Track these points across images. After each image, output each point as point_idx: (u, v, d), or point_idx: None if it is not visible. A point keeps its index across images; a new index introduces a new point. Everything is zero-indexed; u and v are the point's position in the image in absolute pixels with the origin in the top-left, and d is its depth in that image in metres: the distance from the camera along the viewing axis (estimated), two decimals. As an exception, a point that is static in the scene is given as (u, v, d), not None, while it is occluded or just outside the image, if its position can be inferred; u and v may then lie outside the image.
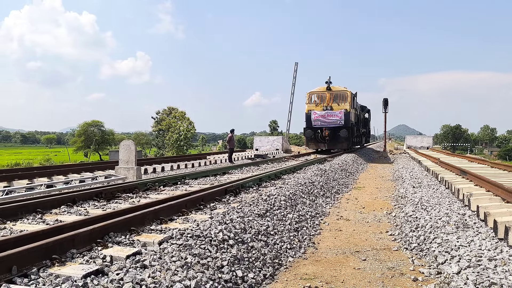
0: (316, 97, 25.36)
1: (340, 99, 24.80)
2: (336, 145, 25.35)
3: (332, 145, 25.28)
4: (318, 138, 25.08)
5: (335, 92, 24.95)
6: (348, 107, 24.52)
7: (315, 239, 6.38)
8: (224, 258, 4.38)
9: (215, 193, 7.21)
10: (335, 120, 24.32)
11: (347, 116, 24.33)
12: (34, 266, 3.47)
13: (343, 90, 25.21)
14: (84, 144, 52.12)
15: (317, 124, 24.75)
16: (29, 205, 5.90)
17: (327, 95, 24.86)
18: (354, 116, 27.37)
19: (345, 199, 10.30)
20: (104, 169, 14.87)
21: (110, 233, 4.46)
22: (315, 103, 25.12)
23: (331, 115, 24.35)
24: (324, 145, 25.40)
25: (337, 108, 24.47)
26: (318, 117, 24.60)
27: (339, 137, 24.38)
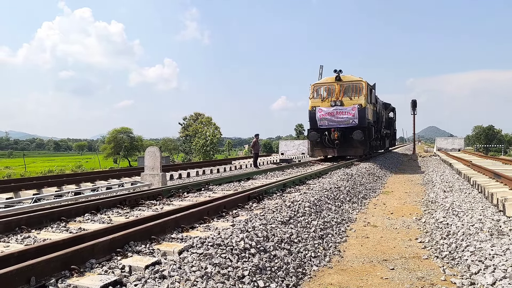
0: (323, 89, 20.37)
1: (353, 91, 19.74)
2: (348, 151, 20.25)
3: (343, 150, 20.13)
4: (325, 142, 20.01)
5: (346, 83, 19.88)
6: (363, 101, 19.40)
7: (341, 247, 6.18)
8: (246, 268, 4.26)
9: (237, 200, 7.12)
10: (346, 119, 19.43)
11: (362, 113, 19.33)
12: (52, 277, 3.45)
13: (357, 80, 19.98)
14: (113, 150, 53.20)
15: (323, 124, 19.85)
16: (54, 213, 5.97)
17: (336, 87, 19.79)
18: (372, 113, 21.90)
19: (373, 204, 10.02)
20: (131, 176, 15.08)
21: (130, 242, 4.43)
22: (321, 98, 20.10)
23: (342, 112, 19.45)
24: (333, 151, 20.19)
25: (349, 103, 19.52)
26: (325, 115, 19.72)
27: (352, 141, 19.39)
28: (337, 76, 19.91)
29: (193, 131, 52.57)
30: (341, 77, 19.88)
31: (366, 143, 19.78)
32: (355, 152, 20.27)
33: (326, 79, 20.54)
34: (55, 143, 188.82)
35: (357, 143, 19.52)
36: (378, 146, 26.05)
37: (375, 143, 24.17)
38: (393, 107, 35.25)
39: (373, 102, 22.26)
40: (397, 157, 30.80)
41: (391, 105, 33.47)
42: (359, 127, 19.27)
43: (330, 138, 19.84)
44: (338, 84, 19.84)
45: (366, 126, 19.50)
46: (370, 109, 20.85)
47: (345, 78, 19.97)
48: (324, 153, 20.84)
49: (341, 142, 19.69)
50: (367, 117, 19.68)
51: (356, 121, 19.28)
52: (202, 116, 54.37)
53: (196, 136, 51.36)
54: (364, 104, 19.41)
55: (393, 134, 37.85)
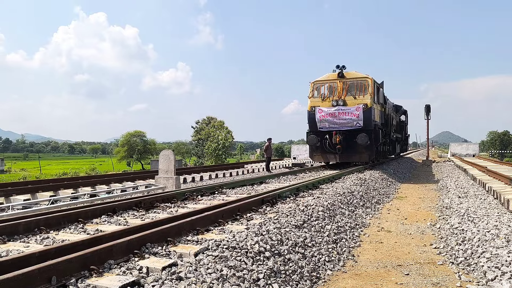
0: (323, 87, 18.24)
1: (357, 89, 17.64)
2: (352, 157, 18.16)
3: (346, 156, 18.03)
4: (325, 146, 17.96)
5: (350, 80, 17.78)
6: (369, 100, 17.30)
7: (355, 252, 6.17)
8: (260, 271, 4.30)
9: (251, 203, 7.16)
10: (349, 120, 17.23)
11: (368, 114, 17.23)
12: (73, 277, 3.53)
13: (362, 77, 17.88)
14: (127, 153, 53.74)
15: (324, 126, 17.73)
16: (72, 214, 6.08)
17: (338, 84, 17.72)
18: (380, 114, 19.65)
19: (386, 210, 9.97)
20: (145, 179, 15.24)
21: (147, 243, 4.50)
22: (321, 97, 18.02)
23: (345, 112, 17.28)
24: (334, 156, 18.10)
25: (353, 102, 17.42)
26: (326, 116, 17.54)
27: (357, 145, 17.41)
28: (340, 73, 17.81)
29: (206, 134, 52.85)
30: (344, 73, 17.81)
31: (372, 148, 17.69)
32: (359, 158, 18.20)
33: (328, 76, 18.36)
34: (69, 146, 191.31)
35: (362, 148, 17.49)
36: (387, 151, 23.73)
37: (384, 148, 21.94)
38: (405, 109, 33.38)
39: (381, 102, 20.06)
40: (410, 162, 30.55)
41: (402, 108, 31.50)
42: (364, 129, 17.19)
43: (331, 142, 17.79)
44: (340, 82, 17.73)
45: (372, 129, 17.46)
46: (377, 110, 18.70)
47: (349, 75, 17.90)
48: (324, 159, 18.80)
49: (344, 146, 17.65)
50: (373, 118, 17.62)
51: (360, 123, 17.09)
52: (215, 120, 54.65)
53: (209, 140, 51.62)
54: (370, 104, 17.27)
55: (405, 138, 35.32)
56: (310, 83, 18.48)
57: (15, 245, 4.85)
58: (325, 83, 18.15)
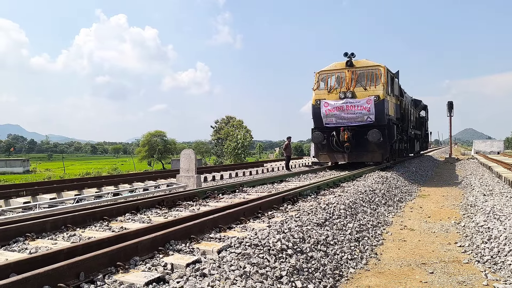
0: (330, 78, 16.31)
1: (368, 79, 15.66)
2: (362, 156, 16.22)
3: (356, 155, 16.09)
4: (332, 144, 16.03)
5: (359, 69, 15.85)
6: (381, 92, 15.28)
7: (378, 250, 6.12)
8: (283, 268, 4.31)
9: (272, 201, 7.17)
10: (359, 115, 15.35)
11: (381, 107, 15.26)
12: (100, 273, 3.61)
13: (374, 65, 15.86)
14: (148, 153, 54.49)
15: (330, 121, 15.85)
16: (97, 213, 6.20)
17: (346, 74, 15.80)
18: (395, 107, 17.65)
19: (409, 208, 9.84)
20: (166, 177, 15.43)
21: (171, 241, 4.56)
22: (327, 89, 16.12)
23: (354, 106, 15.39)
24: (342, 156, 16.23)
25: (363, 94, 15.47)
26: (333, 111, 15.66)
27: (368, 143, 15.47)
28: (348, 61, 15.88)
29: (225, 134, 53.12)
30: (354, 62, 15.92)
31: (386, 146, 15.73)
32: (371, 158, 16.29)
33: (334, 65, 16.42)
34: (92, 146, 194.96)
35: (374, 146, 15.58)
36: (404, 149, 21.80)
37: (400, 146, 19.94)
38: (425, 104, 31.04)
39: (396, 94, 18.05)
40: (432, 160, 30.02)
41: (422, 102, 29.12)
42: (376, 125, 15.28)
43: (338, 139, 15.82)
44: (349, 71, 15.81)
45: (385, 124, 15.50)
46: (391, 103, 16.68)
47: (359, 63, 16.01)
48: (331, 158, 16.87)
49: (353, 144, 15.73)
50: (386, 112, 15.64)
51: (372, 118, 15.22)
52: (234, 119, 54.89)
53: (228, 139, 51.86)
54: (383, 96, 15.28)
55: (425, 135, 33.10)
56: (314, 74, 16.62)
57: (43, 242, 4.99)
58: (332, 73, 16.27)
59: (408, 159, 23.95)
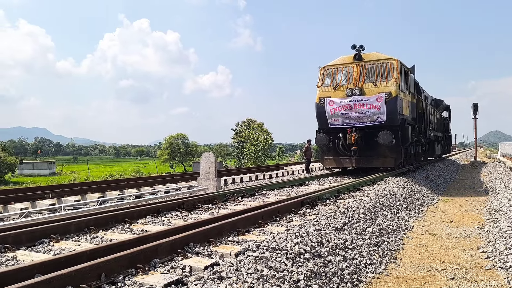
0: (336, 73, 14.74)
1: (378, 74, 14.02)
2: (372, 160, 14.46)
3: (364, 160, 14.43)
4: (339, 148, 14.54)
5: (369, 63, 14.25)
6: (393, 88, 13.67)
7: (397, 255, 6.06)
8: (300, 272, 4.33)
9: (291, 205, 7.19)
10: (369, 114, 13.75)
11: (393, 105, 13.64)
12: (120, 274, 3.71)
13: (385, 58, 14.26)
14: (170, 156, 55.16)
15: (336, 122, 14.32)
16: (119, 215, 6.35)
17: (354, 69, 14.25)
18: (410, 106, 15.92)
19: (431, 212, 9.69)
20: (187, 180, 15.61)
21: (190, 243, 4.64)
22: (332, 86, 14.57)
23: (362, 104, 13.79)
24: (349, 160, 14.62)
25: (372, 91, 13.87)
26: (339, 110, 14.10)
27: (378, 146, 13.94)
28: (357, 54, 14.33)
29: (245, 137, 53.32)
30: (363, 55, 14.35)
31: (399, 149, 14.03)
32: (382, 163, 14.52)
33: (341, 59, 14.90)
34: (115, 149, 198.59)
35: (385, 150, 13.96)
36: (422, 153, 19.67)
37: (417, 149, 17.87)
38: (447, 104, 29.16)
39: (411, 91, 16.30)
40: (456, 163, 29.34)
41: (444, 102, 27.33)
42: (387, 125, 13.65)
43: (345, 142, 14.26)
44: (357, 65, 14.24)
45: (398, 125, 13.88)
46: (405, 100, 14.97)
47: (368, 57, 14.40)
48: (337, 163, 15.16)
49: (362, 148, 14.13)
50: (400, 111, 14.00)
51: (383, 117, 13.61)
52: (254, 122, 55.06)
53: (248, 142, 52.02)
54: (395, 92, 13.64)
55: (447, 138, 30.75)
56: (319, 69, 15.09)
57: (67, 243, 5.14)
58: (338, 68, 14.69)
59: (430, 162, 22.90)
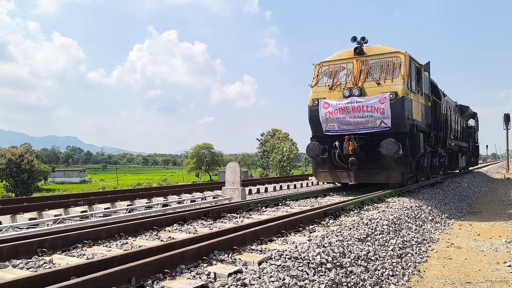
0: (332, 71, 12.47)
1: (382, 71, 11.79)
2: (374, 175, 12.01)
3: (365, 174, 12.03)
4: (335, 159, 12.21)
5: (371, 57, 12.04)
6: (400, 87, 11.33)
7: (421, 267, 6.05)
8: (322, 281, 4.42)
9: (314, 216, 7.27)
10: (370, 118, 11.42)
11: (399, 108, 11.26)
12: (149, 279, 3.91)
13: (391, 52, 11.96)
14: (196, 165, 55.94)
15: (331, 128, 12.00)
16: (147, 222, 6.60)
17: (354, 65, 12.05)
18: (424, 110, 13.50)
19: (457, 225, 9.56)
20: (213, 189, 15.87)
21: (214, 251, 4.81)
22: (328, 85, 12.35)
23: (362, 106, 11.44)
24: (347, 174, 12.22)
25: (375, 91, 11.57)
26: (334, 113, 11.78)
27: (381, 157, 11.50)
28: (357, 48, 12.16)
29: (270, 146, 53.51)
30: (365, 49, 12.17)
31: (407, 161, 11.62)
32: (386, 178, 11.90)
33: (340, 53, 12.72)
34: (143, 158, 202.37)
35: (391, 162, 11.58)
36: (441, 165, 16.66)
37: (433, 161, 15.20)
38: (474, 112, 26.75)
39: (425, 92, 13.81)
40: (486, 176, 28.49)
41: (470, 109, 24.90)
42: (393, 132, 11.32)
43: (342, 152, 11.89)
44: (358, 61, 12.01)
45: (406, 132, 11.49)
46: (416, 102, 12.55)
47: (371, 51, 12.17)
48: (334, 177, 12.71)
49: (362, 159, 11.82)
50: (408, 115, 11.58)
51: (387, 122, 11.23)
52: (279, 131, 55.26)
53: (273, 152, 52.16)
54: (402, 92, 11.28)
55: (475, 148, 27.68)
56: (314, 66, 12.91)
57: (99, 249, 5.40)
58: (335, 64, 12.47)
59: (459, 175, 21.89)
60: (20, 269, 4.50)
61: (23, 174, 43.72)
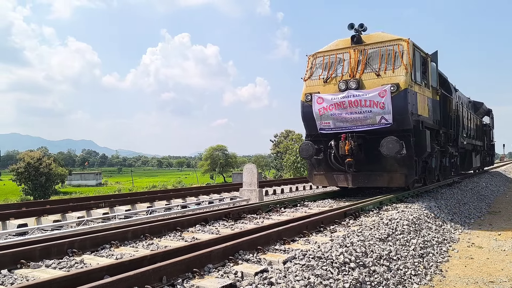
0: (329, 62, 11.23)
1: (382, 61, 10.53)
2: (375, 178, 10.74)
3: (364, 177, 10.83)
4: (330, 160, 11.07)
5: (370, 46, 10.80)
6: (402, 78, 10.09)
7: (443, 267, 6.08)
8: (346, 280, 4.50)
9: (334, 216, 7.33)
10: (368, 114, 10.26)
11: (402, 102, 10.04)
12: (179, 277, 4.03)
13: (392, 40, 10.70)
14: (210, 167, 56.27)
15: (326, 125, 10.86)
16: (170, 224, 6.75)
17: (351, 55, 10.85)
18: (430, 104, 12.05)
19: (477, 225, 9.51)
20: (229, 191, 16.02)
21: (239, 251, 4.91)
22: (322, 78, 11.15)
23: (359, 101, 10.28)
24: (345, 177, 11.03)
25: (374, 83, 10.38)
26: (329, 109, 10.65)
27: (382, 158, 10.35)
28: (355, 36, 10.93)
29: (284, 148, 53.50)
30: (363, 37, 10.99)
31: (412, 162, 10.32)
32: (388, 181, 10.64)
33: (337, 43, 11.45)
34: (158, 160, 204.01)
35: (393, 163, 10.41)
36: (452, 166, 15.43)
37: (443, 161, 13.81)
38: (489, 108, 25.24)
39: (431, 84, 12.32)
40: (503, 175, 28.04)
41: (484, 106, 23.33)
42: (395, 130, 10.13)
43: (338, 152, 10.74)
44: (355, 50, 10.82)
45: (410, 128, 10.29)
46: (421, 96, 11.23)
47: (370, 39, 10.95)
48: (330, 180, 11.47)
49: (360, 160, 10.63)
50: (412, 109, 10.36)
51: (388, 118, 10.05)
52: (293, 133, 55.22)
53: (287, 153, 52.15)
54: (405, 84, 10.04)
55: (490, 147, 26.20)
56: (308, 57, 11.75)
57: (126, 249, 5.56)
58: (331, 55, 11.22)
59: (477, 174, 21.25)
60: (53, 269, 4.67)
61: (41, 177, 44.52)
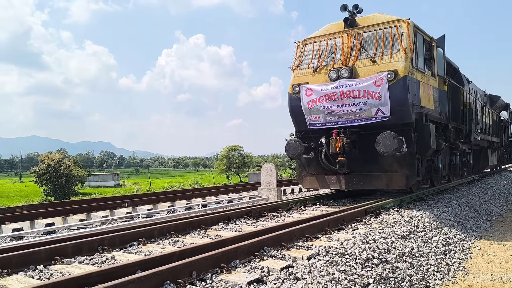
0: (318, 49, 9.96)
1: (379, 45, 9.16)
2: (371, 179, 9.48)
3: (360, 179, 9.58)
4: (321, 159, 9.85)
5: (365, 29, 9.47)
6: (401, 64, 8.72)
7: (465, 263, 6.10)
8: (370, 276, 4.58)
9: (355, 214, 7.39)
10: (363, 107, 8.97)
11: (400, 91, 8.68)
12: (208, 272, 4.17)
13: (389, 21, 9.30)
14: (226, 167, 56.51)
15: (316, 120, 9.64)
16: (194, 222, 6.91)
17: (344, 39, 9.56)
18: (436, 94, 10.69)
19: (499, 222, 9.45)
20: (247, 190, 16.17)
21: (264, 247, 5.04)
22: (311, 67, 9.89)
23: (353, 91, 8.96)
24: (337, 179, 9.77)
25: (369, 70, 9.06)
26: (319, 101, 9.41)
27: (379, 156, 9.05)
28: (348, 19, 9.64)
29: (300, 147, 53.42)
30: (357, 19, 9.68)
31: (414, 161, 9.05)
32: (386, 183, 9.38)
33: (329, 27, 10.15)
34: (174, 161, 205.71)
35: (392, 162, 9.20)
36: (464, 165, 14.04)
37: (453, 159, 12.45)
38: (506, 103, 23.35)
39: (438, 72, 10.91)
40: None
41: (501, 99, 21.68)
42: (394, 124, 8.88)
43: (329, 151, 9.50)
44: (349, 34, 9.54)
45: (411, 122, 8.98)
46: (425, 85, 9.87)
47: (365, 21, 9.61)
48: (321, 182, 10.22)
49: (354, 159, 9.46)
50: (413, 100, 9.03)
51: (385, 110, 8.79)
52: (309, 132, 55.09)
53: (304, 152, 52.07)
54: (404, 71, 8.72)
55: (508, 144, 24.80)
56: (296, 44, 10.50)
57: (153, 246, 5.73)
58: (322, 41, 9.96)
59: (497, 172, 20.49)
60: (86, 265, 4.87)
61: (61, 178, 45.35)
